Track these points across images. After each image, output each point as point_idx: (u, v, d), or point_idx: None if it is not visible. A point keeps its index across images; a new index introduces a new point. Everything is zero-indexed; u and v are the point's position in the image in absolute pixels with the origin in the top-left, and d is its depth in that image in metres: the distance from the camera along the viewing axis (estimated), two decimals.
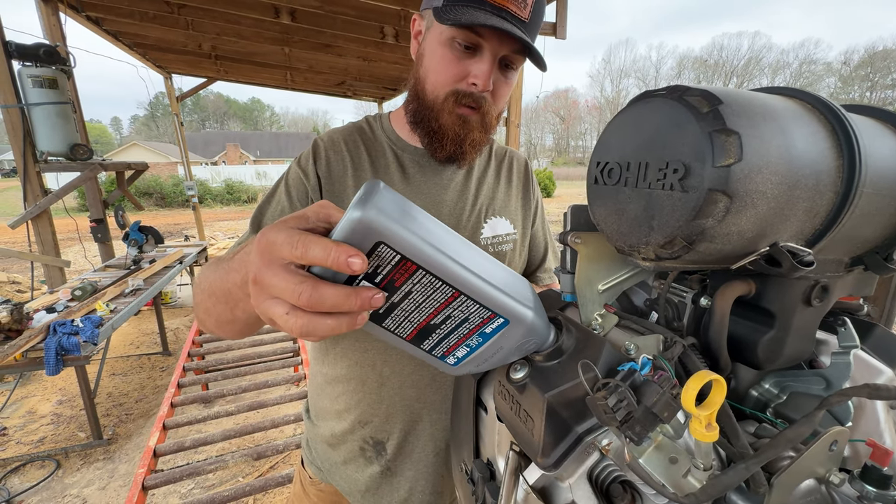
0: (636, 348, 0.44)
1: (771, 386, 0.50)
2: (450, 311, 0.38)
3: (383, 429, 0.88)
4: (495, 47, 0.73)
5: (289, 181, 0.83)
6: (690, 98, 0.33)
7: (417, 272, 0.34)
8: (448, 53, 0.74)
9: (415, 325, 0.39)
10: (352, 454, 0.90)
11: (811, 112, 0.35)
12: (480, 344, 0.41)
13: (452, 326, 0.39)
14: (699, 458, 0.36)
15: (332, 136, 0.87)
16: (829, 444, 0.38)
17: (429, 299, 0.37)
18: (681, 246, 0.34)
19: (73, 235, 7.00)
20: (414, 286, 0.35)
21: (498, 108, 0.82)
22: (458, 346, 0.41)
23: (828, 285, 0.43)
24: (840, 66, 66.31)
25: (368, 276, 0.34)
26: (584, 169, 23.13)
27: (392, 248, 0.32)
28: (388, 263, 0.33)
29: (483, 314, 0.38)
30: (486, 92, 0.76)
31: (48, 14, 3.72)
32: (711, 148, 0.31)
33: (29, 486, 2.47)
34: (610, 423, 0.36)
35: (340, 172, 0.83)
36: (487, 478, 0.53)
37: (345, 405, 0.89)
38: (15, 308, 2.51)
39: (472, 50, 0.74)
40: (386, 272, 0.34)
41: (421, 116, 0.81)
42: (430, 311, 0.38)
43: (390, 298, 0.36)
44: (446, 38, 0.74)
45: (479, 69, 0.74)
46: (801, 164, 0.33)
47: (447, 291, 0.36)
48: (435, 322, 0.39)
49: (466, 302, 0.37)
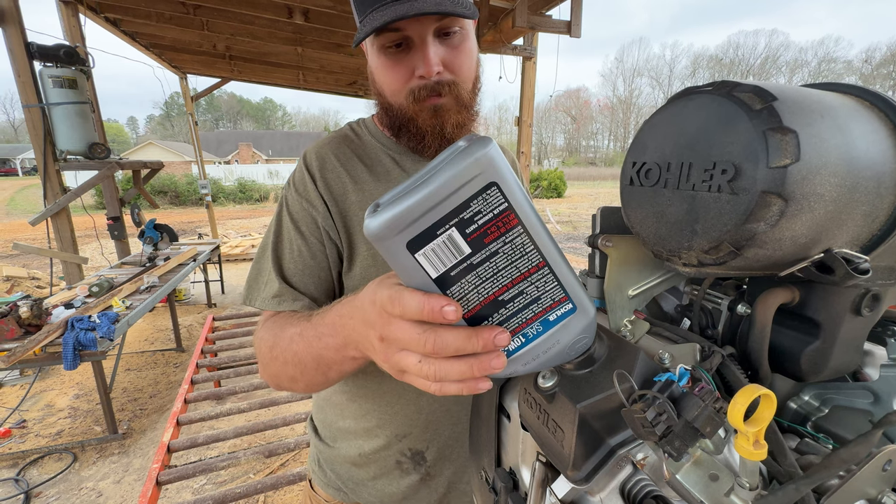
0: (671, 358, 0.42)
1: (811, 398, 0.48)
2: (525, 285, 0.34)
3: (423, 438, 0.85)
4: (418, 30, 0.69)
5: (294, 215, 0.78)
6: (741, 94, 0.31)
7: (514, 229, 0.32)
8: (386, 61, 0.73)
9: (482, 298, 0.34)
10: (385, 469, 0.87)
11: (870, 109, 0.33)
12: (539, 334, 0.37)
13: (520, 306, 0.35)
14: (744, 476, 0.34)
15: (320, 155, 0.81)
16: (882, 464, 0.35)
17: (511, 266, 0.33)
18: (727, 251, 0.32)
19: (90, 233, 7.15)
20: (503, 247, 0.32)
21: (464, 79, 0.75)
22: (515, 334, 0.37)
23: (879, 294, 0.40)
24: (861, 64, 64.66)
25: (463, 224, 0.31)
26: (596, 169, 22.89)
27: (502, 194, 0.30)
28: (490, 212, 0.31)
29: (556, 295, 0.35)
30: (439, 74, 0.72)
31: (68, 15, 3.80)
32: (766, 147, 0.29)
33: (47, 477, 2.52)
34: (648, 437, 0.34)
35: (341, 191, 0.79)
36: (511, 488, 0.51)
37: (377, 421, 0.85)
38: (35, 304, 2.56)
39: (402, 45, 0.71)
40: (482, 223, 0.31)
41: (398, 126, 0.79)
42: (506, 281, 0.34)
43: (469, 258, 0.32)
44: (377, 48, 0.72)
45: (418, 60, 0.71)
46: (862, 164, 0.30)
47: (534, 259, 0.33)
48: (504, 297, 0.34)
49: (547, 276, 0.34)
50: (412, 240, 0.31)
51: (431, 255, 0.32)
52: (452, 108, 0.75)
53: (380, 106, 0.81)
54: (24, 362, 2.40)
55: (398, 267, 0.33)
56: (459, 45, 0.73)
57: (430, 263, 0.32)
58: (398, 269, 0.33)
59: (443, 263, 0.32)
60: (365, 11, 0.69)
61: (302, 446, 2.14)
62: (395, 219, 0.30)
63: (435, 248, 0.32)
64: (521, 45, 4.61)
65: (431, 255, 0.32)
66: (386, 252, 0.32)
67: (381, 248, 0.32)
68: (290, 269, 0.76)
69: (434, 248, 0.31)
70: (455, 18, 0.70)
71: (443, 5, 0.65)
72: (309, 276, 0.77)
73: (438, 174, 0.31)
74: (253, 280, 0.79)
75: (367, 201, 0.79)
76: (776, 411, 0.49)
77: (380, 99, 0.79)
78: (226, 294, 6.06)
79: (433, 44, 0.70)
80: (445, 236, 0.31)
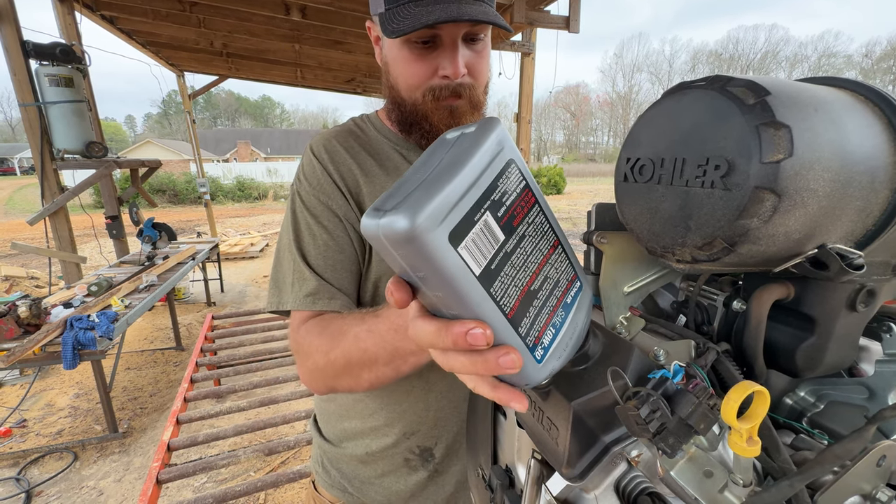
0: (666, 354, 0.42)
1: (807, 394, 0.48)
2: (548, 269, 0.32)
3: (431, 435, 0.85)
4: (452, 32, 0.69)
5: (312, 209, 0.75)
6: (734, 89, 0.31)
7: (534, 208, 0.30)
8: (409, 55, 0.71)
9: (519, 290, 0.30)
10: (392, 466, 0.86)
11: (864, 103, 0.33)
12: (563, 321, 0.35)
13: (547, 293, 0.33)
14: (738, 472, 0.34)
15: (328, 146, 0.79)
16: (877, 460, 0.35)
17: (536, 250, 0.31)
18: (721, 248, 0.32)
19: (88, 232, 7.13)
20: (527, 229, 0.30)
21: (481, 83, 0.77)
22: (547, 326, 0.33)
23: (874, 289, 0.40)
24: (861, 58, 64.49)
25: (494, 206, 0.29)
26: (596, 166, 22.83)
27: (520, 171, 0.30)
28: (514, 192, 0.29)
29: (569, 273, 0.34)
30: (462, 77, 0.72)
31: (64, 13, 3.77)
32: (759, 142, 0.29)
33: (48, 476, 2.53)
34: (642, 434, 0.34)
35: (354, 182, 0.77)
36: (507, 485, 0.51)
37: (385, 420, 0.84)
38: (34, 303, 2.56)
39: (430, 43, 0.70)
40: (509, 204, 0.29)
41: (409, 122, 0.78)
42: (534, 268, 0.31)
43: (504, 246, 0.29)
44: (402, 40, 0.70)
45: (445, 61, 0.70)
46: (856, 159, 0.30)
47: (551, 238, 0.31)
48: (534, 287, 0.31)
49: (561, 256, 0.33)
50: (455, 228, 0.27)
51: (472, 246, 0.28)
52: (467, 110, 0.76)
53: (391, 99, 0.79)
54: (23, 362, 2.40)
55: (434, 270, 0.27)
56: (482, 51, 0.75)
57: (472, 257, 0.28)
58: (434, 273, 0.27)
59: (483, 256, 0.28)
60: (398, 1, 0.67)
61: (302, 444, 2.14)
62: (440, 205, 0.26)
63: (475, 238, 0.28)
64: (520, 41, 4.60)
65: (472, 247, 0.28)
66: (417, 253, 0.26)
67: (413, 248, 0.26)
68: (321, 264, 0.73)
69: (474, 237, 0.28)
70: (484, 25, 0.71)
71: (489, 15, 0.67)
72: (342, 270, 0.74)
73: (463, 156, 0.28)
74: (278, 284, 0.74)
75: (379, 195, 0.77)
76: (772, 407, 0.49)
77: (392, 92, 0.78)
78: (225, 293, 6.06)
79: (461, 47, 0.71)
80: (482, 223, 0.28)
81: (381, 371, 0.57)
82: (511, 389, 0.33)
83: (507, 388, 0.33)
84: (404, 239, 0.25)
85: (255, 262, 7.82)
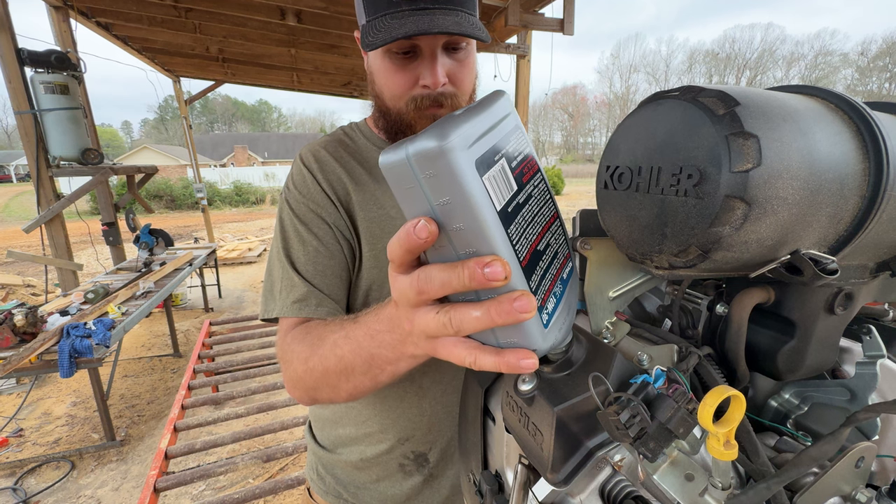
0: (649, 359, 0.42)
1: (791, 396, 0.48)
2: (550, 237, 0.33)
3: (425, 440, 0.85)
4: (430, 42, 0.69)
5: (301, 217, 0.75)
6: (705, 99, 0.31)
7: (538, 174, 0.32)
8: (391, 65, 0.72)
9: (530, 242, 0.31)
10: (387, 472, 0.87)
11: (834, 112, 0.33)
12: (562, 293, 0.35)
13: (549, 259, 0.33)
14: (717, 476, 0.34)
15: (317, 155, 0.80)
16: (855, 461, 0.36)
17: (541, 212, 0.32)
18: (696, 255, 0.33)
19: (85, 239, 7.11)
20: (534, 190, 0.31)
21: (464, 91, 0.77)
22: (551, 290, 0.34)
23: (852, 292, 0.40)
24: (857, 56, 64.89)
25: (508, 158, 0.30)
26: (594, 166, 22.90)
27: (526, 138, 0.31)
28: (521, 152, 0.31)
29: (565, 249, 0.35)
30: (443, 86, 0.73)
31: (59, 20, 3.78)
32: (728, 152, 0.29)
33: (45, 486, 2.52)
34: (622, 439, 0.34)
35: (343, 190, 0.78)
36: (496, 490, 0.51)
37: (379, 426, 0.85)
38: (30, 311, 2.56)
39: (411, 53, 0.71)
40: (519, 160, 0.30)
41: (395, 130, 0.79)
42: (540, 229, 0.32)
43: (517, 196, 0.30)
44: (383, 51, 0.71)
45: (425, 71, 0.71)
46: (825, 167, 0.31)
47: (551, 208, 0.33)
48: (540, 248, 0.32)
49: (559, 229, 0.34)
50: (480, 157, 0.27)
51: (494, 182, 0.27)
52: None
53: (377, 108, 0.81)
54: (19, 371, 2.40)
55: (461, 193, 0.26)
56: (464, 60, 0.75)
57: (494, 193, 0.27)
58: (460, 197, 0.26)
59: (501, 195, 0.28)
60: (376, 13, 0.68)
61: (300, 450, 2.14)
62: (469, 130, 0.26)
63: (496, 175, 0.28)
64: (515, 44, 4.61)
65: (494, 183, 0.27)
66: (446, 172, 0.25)
67: (443, 166, 0.25)
68: (310, 270, 0.73)
69: (495, 174, 0.27)
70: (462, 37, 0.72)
71: (462, 26, 0.67)
72: (332, 276, 0.74)
73: (483, 105, 0.29)
74: (267, 293, 0.75)
75: (369, 202, 0.78)
76: (757, 409, 0.49)
77: (378, 101, 0.79)
78: (223, 298, 6.05)
79: (442, 56, 0.71)
80: (501, 165, 0.29)
81: (359, 380, 0.54)
82: (518, 349, 0.32)
83: (512, 350, 0.32)
84: (436, 154, 0.25)
85: (252, 267, 7.81)
